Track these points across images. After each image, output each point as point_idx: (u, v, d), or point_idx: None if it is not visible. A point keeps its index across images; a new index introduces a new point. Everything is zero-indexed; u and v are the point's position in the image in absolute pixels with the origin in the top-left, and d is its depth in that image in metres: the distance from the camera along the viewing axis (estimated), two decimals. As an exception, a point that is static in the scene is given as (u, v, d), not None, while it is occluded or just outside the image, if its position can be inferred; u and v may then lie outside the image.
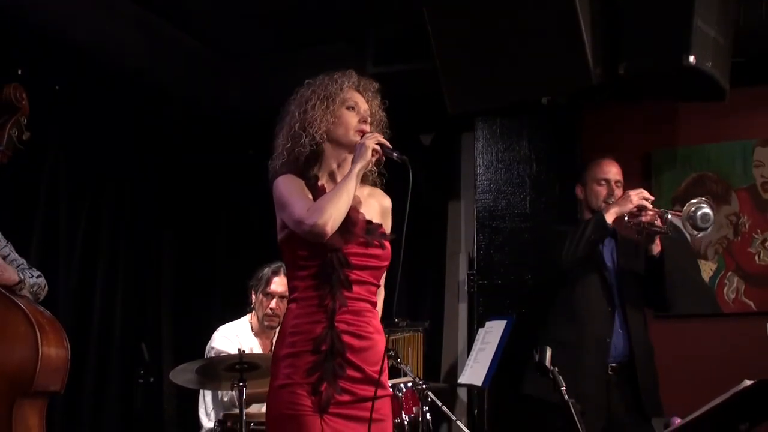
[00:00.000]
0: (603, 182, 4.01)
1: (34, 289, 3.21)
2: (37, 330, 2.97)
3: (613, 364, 3.82)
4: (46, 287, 3.30)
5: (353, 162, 2.58)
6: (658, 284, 3.91)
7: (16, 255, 3.25)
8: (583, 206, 4.11)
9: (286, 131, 2.68)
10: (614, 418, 3.77)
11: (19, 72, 4.36)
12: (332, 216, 2.46)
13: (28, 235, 4.77)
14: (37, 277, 3.26)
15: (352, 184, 2.53)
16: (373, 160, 2.61)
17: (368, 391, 2.52)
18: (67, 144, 5.12)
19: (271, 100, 2.81)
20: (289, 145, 2.65)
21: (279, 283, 4.22)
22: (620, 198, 3.89)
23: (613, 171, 4.04)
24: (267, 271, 4.26)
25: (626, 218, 3.84)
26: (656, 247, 3.87)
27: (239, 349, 3.72)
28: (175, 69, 5.30)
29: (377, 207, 2.70)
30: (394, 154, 2.59)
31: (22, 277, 3.15)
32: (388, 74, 4.98)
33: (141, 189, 5.72)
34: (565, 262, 3.82)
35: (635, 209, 3.82)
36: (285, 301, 4.19)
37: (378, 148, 2.58)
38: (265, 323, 4.25)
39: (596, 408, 3.71)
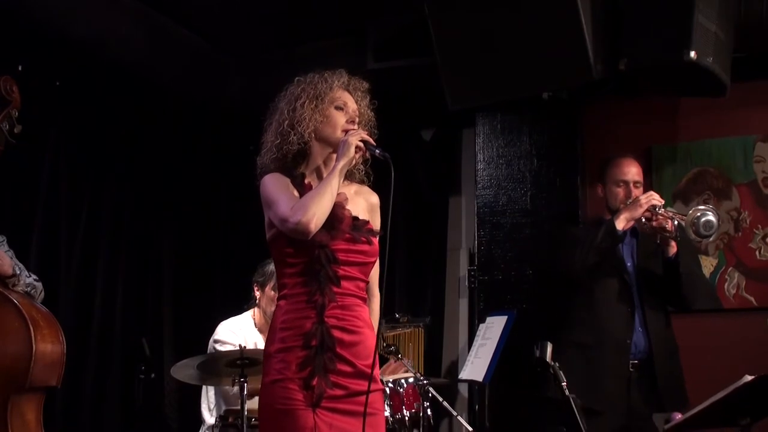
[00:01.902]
0: (621, 183, 4.01)
1: (29, 289, 3.20)
2: (30, 325, 2.96)
3: (634, 361, 3.84)
4: (43, 292, 3.29)
5: (336, 159, 2.61)
6: (674, 284, 3.92)
7: (17, 260, 3.25)
8: (603, 205, 4.12)
9: (275, 128, 2.71)
10: (634, 413, 3.80)
11: (20, 68, 4.35)
12: (315, 214, 2.49)
13: (28, 230, 4.77)
14: (35, 280, 3.25)
15: (335, 181, 2.56)
16: (357, 157, 2.63)
17: (359, 385, 2.53)
18: (67, 140, 5.11)
19: (272, 96, 2.81)
20: (277, 141, 2.68)
21: None
22: (630, 203, 3.89)
23: (632, 172, 4.03)
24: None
25: (643, 220, 3.85)
26: (671, 249, 3.88)
27: (240, 345, 3.73)
28: (175, 64, 5.30)
29: (364, 204, 2.73)
30: (377, 151, 2.61)
31: (17, 272, 3.14)
32: (388, 70, 4.99)
33: (141, 184, 5.71)
34: (576, 270, 3.83)
35: (647, 213, 3.83)
36: None
37: (361, 144, 2.59)
38: None
39: (618, 406, 3.74)
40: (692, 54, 3.90)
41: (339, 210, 2.60)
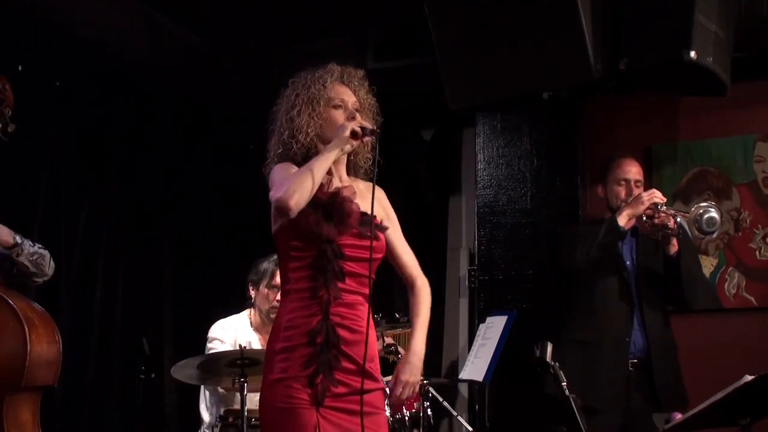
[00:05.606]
0: (623, 182, 4.04)
1: (35, 257, 3.16)
2: (25, 325, 2.94)
3: (633, 360, 3.85)
4: (52, 261, 3.25)
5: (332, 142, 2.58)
6: (675, 284, 3.93)
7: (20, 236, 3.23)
8: (604, 206, 4.13)
9: (276, 138, 2.69)
10: (633, 413, 3.81)
11: (19, 68, 4.35)
12: (294, 190, 2.45)
13: (28, 229, 4.75)
14: (40, 248, 3.22)
15: (322, 162, 2.53)
16: (356, 144, 2.59)
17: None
18: (67, 140, 5.11)
19: (272, 95, 2.80)
20: (280, 151, 2.66)
21: None
22: (632, 200, 3.91)
23: (633, 171, 4.06)
24: (269, 264, 4.26)
25: (644, 218, 3.87)
26: (673, 248, 3.89)
27: (240, 345, 3.72)
28: (175, 64, 5.30)
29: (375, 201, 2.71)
30: (368, 129, 2.57)
31: (19, 242, 3.12)
32: (389, 69, 4.98)
33: (141, 183, 5.71)
34: (578, 265, 3.85)
35: (649, 211, 3.84)
36: None
37: (358, 129, 2.56)
38: (272, 316, 4.25)
39: (616, 405, 3.75)
40: (692, 54, 3.90)
41: (347, 204, 2.58)
